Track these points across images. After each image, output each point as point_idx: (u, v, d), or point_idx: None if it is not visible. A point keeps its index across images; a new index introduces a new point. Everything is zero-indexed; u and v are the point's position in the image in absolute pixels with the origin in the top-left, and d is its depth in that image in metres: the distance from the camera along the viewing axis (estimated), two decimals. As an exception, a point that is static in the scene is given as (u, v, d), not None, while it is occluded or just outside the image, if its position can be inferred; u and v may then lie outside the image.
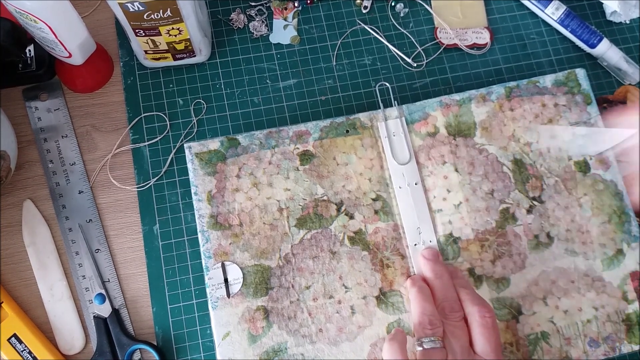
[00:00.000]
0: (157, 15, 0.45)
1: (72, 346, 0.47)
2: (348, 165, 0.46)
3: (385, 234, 0.45)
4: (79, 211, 0.49)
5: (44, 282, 0.48)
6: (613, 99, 0.55)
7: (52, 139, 0.51)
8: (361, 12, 0.57)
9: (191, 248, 0.49)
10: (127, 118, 0.52)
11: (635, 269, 0.45)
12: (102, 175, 0.51)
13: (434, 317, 0.40)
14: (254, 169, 0.45)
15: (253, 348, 0.42)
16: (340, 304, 0.43)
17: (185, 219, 0.49)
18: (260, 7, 0.57)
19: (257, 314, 0.42)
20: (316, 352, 0.42)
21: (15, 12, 0.44)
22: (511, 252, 0.45)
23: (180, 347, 0.47)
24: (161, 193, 0.50)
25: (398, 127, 0.47)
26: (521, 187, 0.46)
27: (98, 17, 0.56)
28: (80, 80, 0.52)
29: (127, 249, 0.49)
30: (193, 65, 0.54)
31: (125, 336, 0.46)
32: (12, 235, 0.49)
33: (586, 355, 0.43)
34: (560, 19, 0.56)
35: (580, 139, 0.46)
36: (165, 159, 0.51)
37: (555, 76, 0.49)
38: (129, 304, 0.48)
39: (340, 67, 0.55)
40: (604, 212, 0.46)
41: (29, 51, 0.52)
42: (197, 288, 0.48)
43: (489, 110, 0.48)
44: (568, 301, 0.44)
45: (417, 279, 0.43)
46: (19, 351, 0.45)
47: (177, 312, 0.47)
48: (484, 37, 0.56)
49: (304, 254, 0.44)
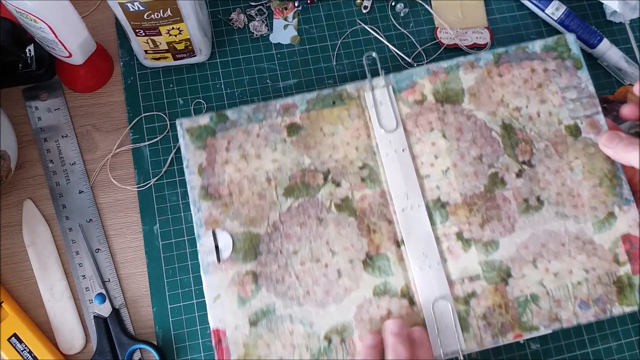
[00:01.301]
0: (157, 15, 0.45)
1: (72, 346, 0.47)
2: (335, 136, 0.47)
3: (372, 200, 0.46)
4: (79, 211, 0.49)
5: (44, 282, 0.48)
6: (613, 99, 0.55)
7: (52, 138, 0.51)
8: (361, 12, 0.57)
9: (191, 248, 0.49)
10: (127, 118, 0.52)
11: (627, 231, 0.45)
12: (102, 175, 0.51)
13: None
14: (243, 142, 0.46)
15: (242, 310, 0.43)
16: (327, 268, 0.44)
17: (185, 219, 0.49)
18: (260, 7, 0.57)
19: (246, 278, 0.44)
20: (304, 313, 0.43)
21: (15, 12, 0.44)
22: (500, 215, 0.45)
23: (180, 347, 0.47)
24: (161, 193, 0.50)
25: (385, 96, 0.48)
26: (510, 151, 0.47)
27: (98, 17, 0.56)
28: (81, 80, 0.52)
29: (127, 249, 0.49)
30: (193, 65, 0.54)
31: (125, 336, 0.46)
32: (12, 235, 0.49)
33: (576, 317, 0.43)
34: (560, 19, 0.56)
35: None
36: (165, 159, 0.51)
37: (544, 41, 0.49)
38: (129, 304, 0.48)
39: (340, 67, 0.55)
40: (595, 175, 0.46)
41: (29, 51, 0.52)
42: (197, 288, 0.48)
43: (477, 77, 0.48)
44: (558, 264, 0.44)
45: (368, 352, 0.41)
46: (19, 351, 0.45)
47: (177, 311, 0.47)
48: (484, 37, 0.56)
49: (292, 221, 0.45)
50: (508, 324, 0.43)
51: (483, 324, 0.43)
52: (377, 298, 0.44)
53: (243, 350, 0.42)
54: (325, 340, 0.43)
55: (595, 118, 0.47)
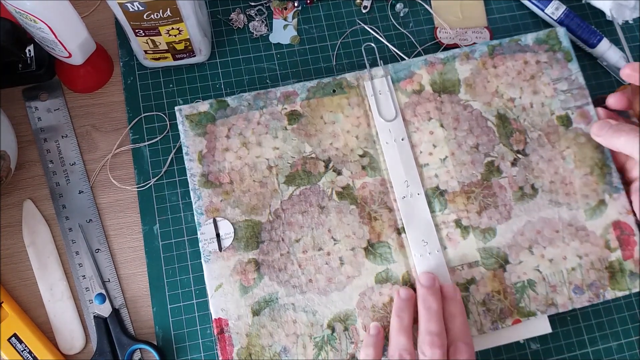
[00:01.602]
0: (157, 15, 0.45)
1: (72, 346, 0.47)
2: (335, 124, 0.47)
3: (373, 188, 0.46)
4: (79, 211, 0.49)
5: (44, 282, 0.48)
6: (613, 98, 0.55)
7: (52, 139, 0.51)
8: (361, 12, 0.57)
9: (191, 248, 0.49)
10: (127, 118, 0.52)
11: (617, 218, 0.46)
12: (102, 175, 0.51)
13: (405, 351, 0.40)
14: (243, 129, 0.47)
15: (245, 298, 0.43)
16: (329, 256, 0.44)
17: (185, 219, 0.49)
18: (260, 7, 0.57)
19: (248, 266, 0.44)
20: (306, 301, 0.43)
21: (15, 12, 0.44)
22: (497, 203, 0.46)
23: (180, 347, 0.47)
24: (161, 193, 0.50)
25: (384, 85, 0.48)
26: (505, 140, 0.48)
27: (98, 17, 0.56)
28: (80, 80, 0.52)
29: (127, 249, 0.49)
30: (193, 65, 0.54)
31: (125, 336, 0.46)
32: (12, 235, 0.49)
33: (571, 301, 0.45)
34: (560, 18, 0.56)
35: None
36: (165, 159, 0.51)
37: (536, 34, 0.51)
38: (129, 304, 0.48)
39: (340, 67, 0.55)
40: (586, 164, 0.47)
41: (29, 51, 0.52)
42: (197, 288, 0.48)
43: (472, 68, 0.49)
44: (553, 250, 0.46)
45: (400, 303, 0.42)
46: (19, 351, 0.45)
47: (177, 312, 0.47)
48: (484, 37, 0.56)
49: (293, 209, 0.45)
50: (507, 309, 0.44)
51: (483, 310, 0.44)
52: (379, 285, 0.44)
53: (246, 340, 0.42)
54: (329, 329, 0.43)
55: (586, 109, 0.49)
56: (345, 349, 0.43)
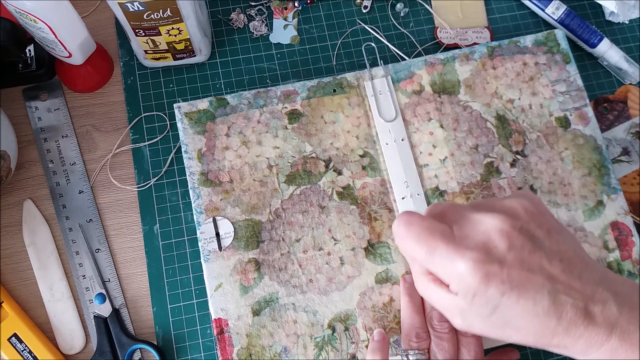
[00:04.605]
0: (157, 15, 0.45)
1: (72, 346, 0.47)
2: (336, 124, 0.47)
3: (373, 188, 0.46)
4: (79, 211, 0.49)
5: (44, 282, 0.48)
6: (614, 98, 0.55)
7: (52, 138, 0.51)
8: (361, 12, 0.57)
9: (191, 248, 0.49)
10: (127, 118, 0.52)
11: (615, 219, 0.47)
12: (102, 175, 0.51)
13: (421, 329, 0.40)
14: (243, 128, 0.47)
15: (245, 298, 0.43)
16: (329, 256, 0.44)
17: (185, 219, 0.49)
18: (260, 7, 0.57)
19: (248, 266, 0.44)
20: (307, 301, 0.43)
21: (15, 12, 0.44)
22: None
23: (180, 347, 0.47)
24: (161, 193, 0.50)
25: (384, 85, 0.48)
26: (504, 141, 0.48)
27: (98, 17, 0.56)
28: (80, 80, 0.52)
29: (127, 249, 0.49)
30: (193, 65, 0.54)
31: (125, 336, 0.46)
32: (12, 235, 0.49)
33: None
34: (561, 18, 0.56)
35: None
36: (165, 159, 0.51)
37: (535, 36, 0.51)
38: (129, 304, 0.48)
39: (340, 67, 0.55)
40: (584, 165, 0.48)
41: (29, 51, 0.52)
42: (197, 288, 0.48)
43: (472, 69, 0.50)
44: None
45: (408, 285, 0.43)
46: (19, 351, 0.45)
47: (178, 311, 0.47)
48: (484, 36, 0.56)
49: (294, 208, 0.45)
50: None
51: None
52: (380, 285, 0.44)
53: (246, 340, 0.42)
54: (329, 329, 0.43)
55: (584, 110, 0.49)
56: (346, 349, 0.43)
